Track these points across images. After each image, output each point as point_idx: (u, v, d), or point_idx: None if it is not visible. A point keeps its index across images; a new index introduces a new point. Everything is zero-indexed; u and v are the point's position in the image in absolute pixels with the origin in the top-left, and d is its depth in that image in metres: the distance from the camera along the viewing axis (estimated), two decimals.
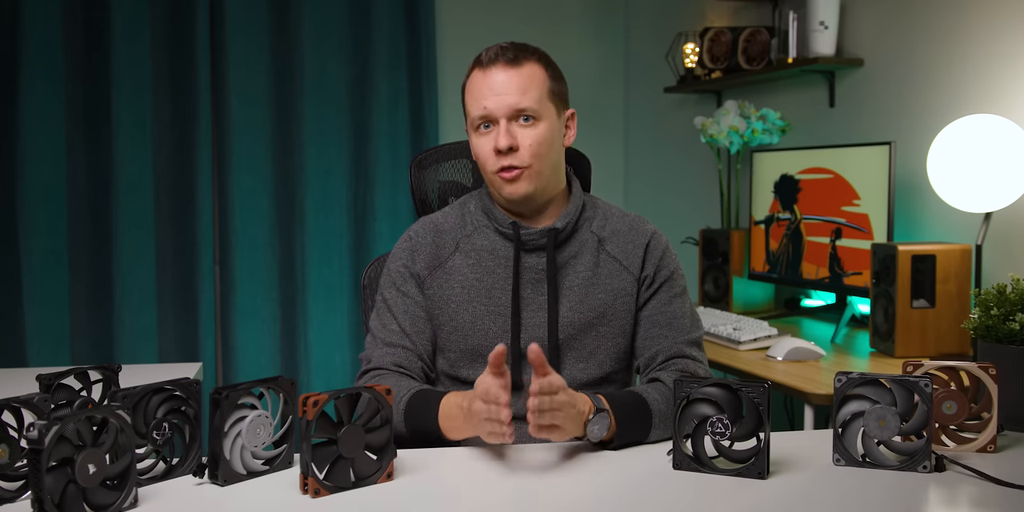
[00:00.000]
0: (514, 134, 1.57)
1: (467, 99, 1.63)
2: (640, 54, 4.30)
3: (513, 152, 1.57)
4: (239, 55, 3.80)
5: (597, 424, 1.41)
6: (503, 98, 1.56)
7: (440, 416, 1.48)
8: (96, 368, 1.47)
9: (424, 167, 1.90)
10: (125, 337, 3.71)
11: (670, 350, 1.61)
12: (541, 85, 1.59)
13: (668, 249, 1.69)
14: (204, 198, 3.77)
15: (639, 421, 1.46)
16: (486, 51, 1.61)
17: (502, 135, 1.56)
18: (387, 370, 1.61)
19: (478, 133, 1.60)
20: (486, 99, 1.57)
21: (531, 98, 1.57)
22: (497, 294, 1.63)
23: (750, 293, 3.20)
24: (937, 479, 1.30)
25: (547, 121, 1.59)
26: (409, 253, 1.67)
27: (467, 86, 1.63)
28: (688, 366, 1.59)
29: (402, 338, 1.63)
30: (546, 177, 1.61)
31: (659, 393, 1.51)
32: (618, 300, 1.64)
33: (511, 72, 1.57)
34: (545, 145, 1.59)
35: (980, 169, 2.23)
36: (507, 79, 1.57)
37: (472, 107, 1.60)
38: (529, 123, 1.57)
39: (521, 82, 1.57)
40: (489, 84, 1.58)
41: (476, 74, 1.61)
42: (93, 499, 1.14)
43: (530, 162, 1.57)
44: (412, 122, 4.00)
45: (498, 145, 1.56)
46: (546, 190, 1.63)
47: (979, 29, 2.49)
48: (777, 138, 3.18)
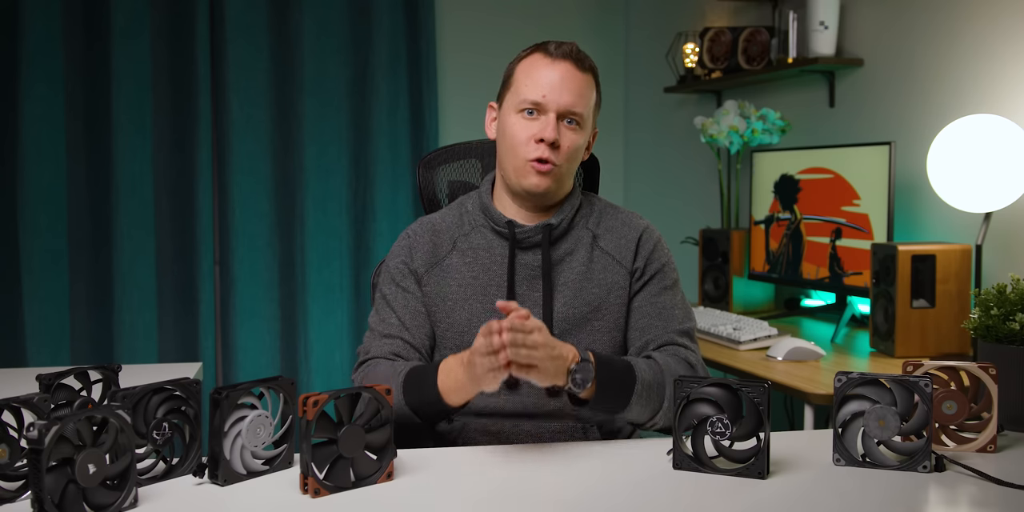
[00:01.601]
0: (560, 131, 1.59)
1: (521, 78, 1.61)
2: (640, 54, 4.30)
3: (554, 148, 1.59)
4: (239, 55, 3.80)
5: (579, 373, 1.42)
6: (563, 95, 1.58)
7: (440, 377, 1.48)
8: (96, 368, 1.47)
9: (432, 167, 1.91)
10: (125, 337, 3.71)
11: (660, 338, 1.62)
12: (592, 97, 1.63)
13: (660, 243, 1.71)
14: (204, 198, 3.77)
15: (623, 382, 1.47)
16: (553, 43, 1.62)
17: (551, 127, 1.58)
18: (383, 358, 1.61)
19: (520, 115, 1.60)
20: (546, 88, 1.58)
21: (584, 104, 1.61)
22: (493, 291, 1.64)
23: (750, 293, 3.20)
24: (937, 479, 1.30)
25: (585, 131, 1.64)
26: (407, 251, 1.69)
27: (525, 67, 1.62)
28: (680, 352, 1.60)
29: (401, 330, 1.64)
30: (566, 181, 1.65)
31: (646, 364, 1.52)
32: (612, 294, 1.65)
33: (577, 74, 1.60)
34: (579, 152, 1.64)
35: (980, 169, 2.23)
36: (571, 78, 1.59)
37: (528, 89, 1.59)
38: (573, 127, 1.60)
39: (582, 87, 1.60)
40: (553, 75, 1.59)
41: (541, 59, 1.61)
42: (93, 499, 1.14)
43: (562, 162, 1.60)
44: (412, 122, 4.00)
45: (546, 136, 1.57)
46: (559, 191, 1.65)
47: (979, 29, 2.49)
48: (777, 138, 3.18)
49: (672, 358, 1.57)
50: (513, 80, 1.63)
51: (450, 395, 1.47)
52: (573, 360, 1.43)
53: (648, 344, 1.63)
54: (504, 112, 1.64)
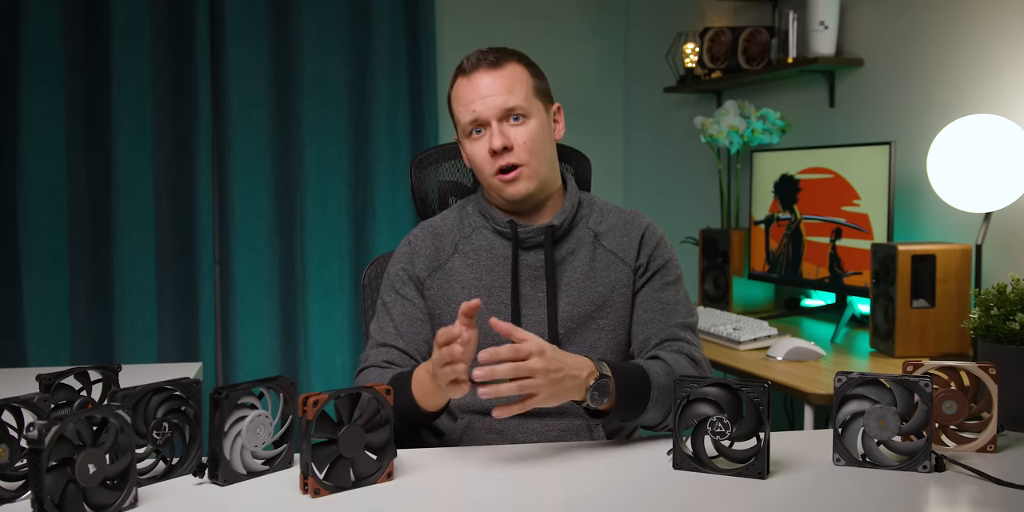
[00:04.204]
0: (507, 133, 1.58)
1: (455, 107, 1.64)
2: (640, 54, 4.30)
3: (508, 151, 1.58)
4: (239, 55, 3.80)
5: (599, 390, 1.40)
6: (490, 99, 1.58)
7: (412, 384, 1.48)
8: (96, 368, 1.47)
9: (424, 167, 1.90)
10: (125, 337, 3.71)
11: (663, 333, 1.62)
12: (525, 83, 1.61)
13: (663, 240, 1.71)
14: (204, 198, 3.77)
15: (640, 392, 1.46)
16: (467, 59, 1.63)
17: (495, 136, 1.58)
18: (377, 367, 1.62)
19: (471, 139, 1.62)
20: (474, 103, 1.59)
21: (518, 96, 1.59)
22: (497, 292, 1.64)
23: (750, 293, 3.20)
24: (937, 479, 1.30)
25: (536, 117, 1.61)
26: (408, 257, 1.69)
27: (453, 95, 1.65)
28: (683, 348, 1.59)
29: (395, 338, 1.64)
30: (544, 174, 1.63)
31: (658, 366, 1.51)
32: (616, 292, 1.65)
33: (494, 74, 1.59)
34: (539, 141, 1.61)
35: (980, 169, 2.23)
36: (492, 81, 1.59)
37: (461, 114, 1.62)
38: (519, 121, 1.59)
39: (506, 82, 1.59)
40: (475, 88, 1.59)
41: (461, 82, 1.63)
42: (93, 499, 1.14)
43: (526, 159, 1.59)
44: (412, 122, 4.00)
45: (493, 145, 1.58)
46: (545, 186, 1.64)
47: (979, 29, 2.49)
48: (777, 138, 3.18)
49: (676, 355, 1.56)
50: (452, 112, 1.66)
51: (424, 401, 1.47)
52: (591, 376, 1.40)
53: (650, 338, 1.62)
54: (461, 142, 1.66)
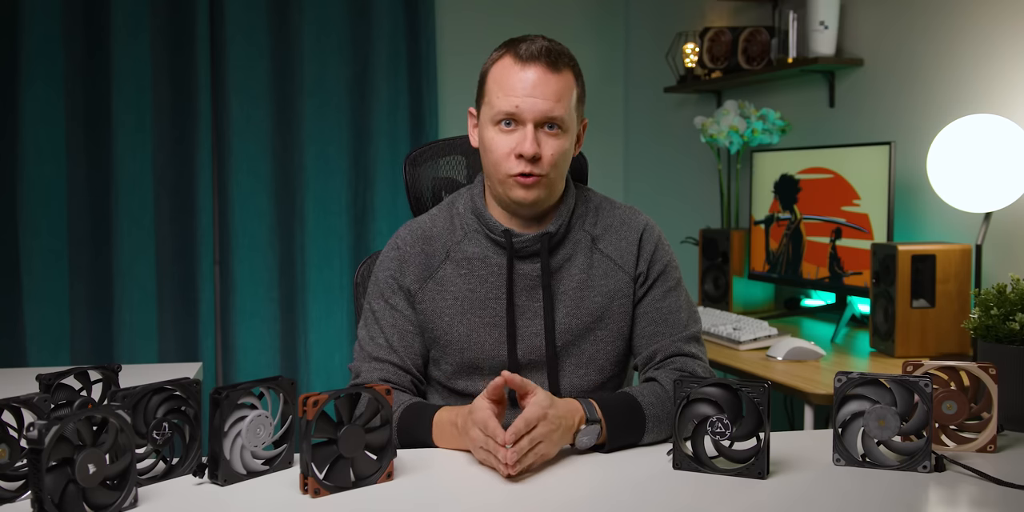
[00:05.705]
0: (540, 142, 1.51)
1: (493, 88, 1.53)
2: (640, 54, 4.30)
3: (536, 160, 1.51)
4: (239, 55, 3.80)
5: (586, 435, 1.40)
6: (538, 102, 1.49)
7: (434, 432, 1.46)
8: (96, 368, 1.47)
9: (418, 164, 1.86)
10: (125, 337, 3.71)
11: (668, 349, 1.58)
12: (572, 95, 1.53)
13: (661, 241, 1.66)
14: (204, 198, 3.77)
15: (632, 427, 1.45)
16: (525, 43, 1.51)
17: (529, 141, 1.49)
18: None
19: (497, 127, 1.52)
20: (519, 98, 1.49)
21: (563, 108, 1.51)
22: (491, 304, 1.59)
23: (750, 293, 3.20)
24: (937, 479, 1.30)
25: (571, 133, 1.54)
26: (398, 264, 1.62)
27: (495, 74, 1.53)
28: (687, 365, 1.57)
29: (389, 353, 1.59)
30: (556, 186, 1.57)
31: (655, 396, 1.48)
32: (614, 302, 1.61)
33: (550, 77, 1.50)
34: (565, 157, 1.54)
35: (980, 169, 2.23)
36: (545, 83, 1.49)
37: (499, 101, 1.51)
38: (554, 132, 1.51)
39: (557, 89, 1.50)
40: (525, 82, 1.49)
41: (510, 65, 1.51)
42: (93, 499, 1.14)
43: (548, 172, 1.53)
44: (412, 122, 4.00)
45: (524, 151, 1.49)
46: (551, 197, 1.58)
47: (979, 29, 2.49)
48: (777, 138, 3.18)
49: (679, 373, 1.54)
50: (486, 89, 1.55)
51: (441, 442, 1.45)
52: (580, 423, 1.39)
53: (656, 354, 1.59)
54: (482, 123, 1.56)
